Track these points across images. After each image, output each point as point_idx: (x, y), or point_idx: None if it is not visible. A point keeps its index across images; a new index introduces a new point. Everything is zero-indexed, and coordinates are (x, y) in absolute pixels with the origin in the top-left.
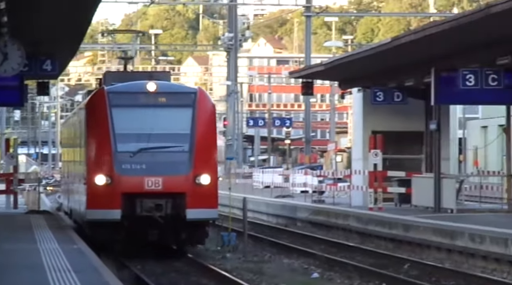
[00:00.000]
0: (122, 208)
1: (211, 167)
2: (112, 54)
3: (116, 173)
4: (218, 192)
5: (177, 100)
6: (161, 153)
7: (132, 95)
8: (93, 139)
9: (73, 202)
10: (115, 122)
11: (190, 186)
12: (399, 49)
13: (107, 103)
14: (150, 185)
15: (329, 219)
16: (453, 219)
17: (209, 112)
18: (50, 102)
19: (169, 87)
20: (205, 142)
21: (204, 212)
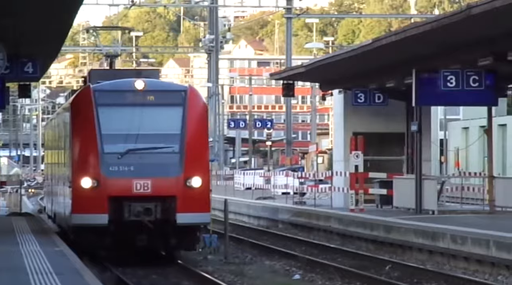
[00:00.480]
0: (109, 213)
1: (203, 168)
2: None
3: (102, 175)
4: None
5: (167, 99)
6: (150, 154)
7: (119, 93)
8: (78, 140)
9: (57, 206)
10: (101, 121)
11: (181, 189)
12: (380, 51)
13: (93, 102)
14: (139, 188)
15: (310, 221)
16: (434, 220)
17: (201, 111)
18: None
19: (158, 85)
20: (196, 142)
21: (195, 216)
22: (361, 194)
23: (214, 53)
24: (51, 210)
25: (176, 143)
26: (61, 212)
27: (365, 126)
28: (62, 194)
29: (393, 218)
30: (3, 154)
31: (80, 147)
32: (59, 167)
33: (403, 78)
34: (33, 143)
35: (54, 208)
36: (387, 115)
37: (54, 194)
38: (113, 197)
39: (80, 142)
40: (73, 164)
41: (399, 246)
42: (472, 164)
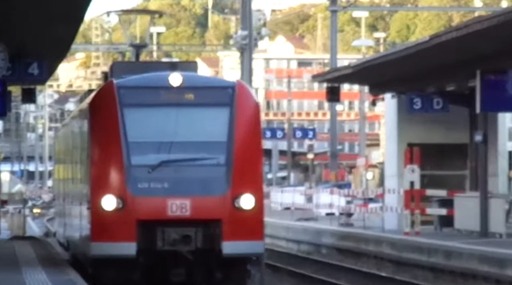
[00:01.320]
0: (137, 241)
1: (255, 185)
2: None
3: (129, 193)
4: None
5: (210, 97)
6: (189, 167)
7: (150, 90)
8: (98, 150)
9: (71, 231)
10: (128, 126)
11: (228, 210)
12: (439, 49)
13: (117, 102)
14: (175, 210)
15: (358, 245)
16: (502, 244)
17: (252, 112)
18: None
19: (198, 80)
20: (247, 152)
21: (245, 245)
22: (417, 215)
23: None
24: (63, 236)
25: (222, 153)
26: (77, 239)
27: (422, 136)
28: (78, 216)
29: (454, 242)
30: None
31: (100, 159)
32: (74, 184)
33: (465, 81)
34: (38, 156)
35: (67, 233)
36: (448, 123)
37: (67, 216)
38: (143, 221)
39: (100, 153)
40: (92, 180)
41: (460, 274)
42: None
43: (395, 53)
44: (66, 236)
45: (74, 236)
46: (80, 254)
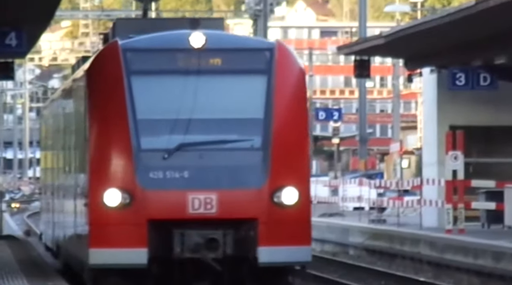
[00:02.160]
0: (149, 246)
1: (300, 175)
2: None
3: (139, 186)
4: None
5: (242, 63)
6: (216, 152)
7: (164, 54)
8: (99, 131)
9: (62, 234)
10: (137, 100)
11: (265, 207)
12: (487, 15)
13: (123, 68)
14: (197, 207)
15: (392, 245)
16: None
17: (296, 81)
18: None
19: (227, 40)
20: (289, 132)
21: (287, 251)
22: (461, 210)
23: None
24: (51, 239)
25: (258, 133)
26: (70, 244)
27: (467, 117)
28: (72, 215)
29: (505, 241)
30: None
31: (101, 142)
32: (67, 174)
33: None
34: (17, 141)
35: (58, 236)
36: (497, 102)
37: (57, 214)
38: (156, 221)
39: (101, 134)
40: (90, 169)
41: None
42: None
43: (435, 20)
44: (55, 239)
45: (67, 240)
46: (75, 263)
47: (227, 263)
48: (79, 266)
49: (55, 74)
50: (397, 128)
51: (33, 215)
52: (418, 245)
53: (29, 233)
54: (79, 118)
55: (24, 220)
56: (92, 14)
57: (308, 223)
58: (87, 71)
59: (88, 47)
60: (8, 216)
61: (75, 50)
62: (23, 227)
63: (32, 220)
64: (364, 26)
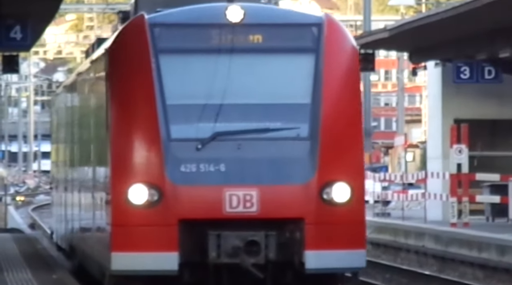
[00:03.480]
0: (180, 250)
1: (353, 168)
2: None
3: (168, 181)
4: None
5: (286, 40)
6: (257, 142)
7: (197, 29)
8: (122, 118)
9: (77, 233)
10: (166, 82)
11: (313, 205)
12: (492, 8)
13: (151, 46)
14: (236, 205)
15: (396, 239)
16: None
17: (348, 61)
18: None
19: (269, 14)
20: (340, 120)
21: (338, 256)
22: (465, 203)
23: None
24: (64, 238)
25: (304, 120)
26: (87, 245)
27: (471, 110)
28: (90, 213)
29: (509, 235)
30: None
31: (125, 131)
32: (83, 167)
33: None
34: (22, 134)
35: (71, 235)
36: (501, 95)
37: (71, 211)
38: (188, 221)
39: (125, 122)
40: (113, 162)
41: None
42: None
43: (440, 13)
44: (69, 239)
45: (84, 241)
46: (94, 267)
47: (269, 269)
48: (99, 271)
49: (59, 67)
50: (402, 122)
51: (38, 208)
52: (422, 239)
53: (34, 226)
54: (99, 104)
55: (29, 213)
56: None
57: (362, 223)
58: (108, 50)
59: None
60: (13, 209)
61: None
62: (27, 220)
63: (37, 213)
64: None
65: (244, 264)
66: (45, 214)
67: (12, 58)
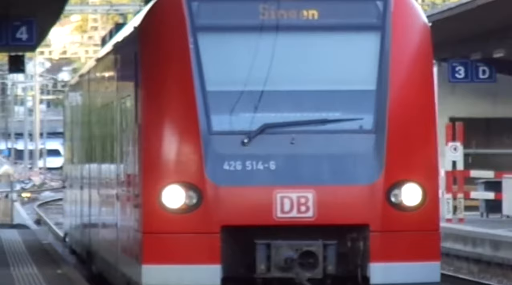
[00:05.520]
0: (223, 262)
1: (426, 166)
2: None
3: (209, 181)
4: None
5: (346, 16)
6: (312, 135)
7: (242, 4)
8: (155, 107)
9: (98, 240)
10: (206, 65)
11: (379, 210)
12: (487, 9)
13: (188, 23)
14: (288, 210)
15: None
16: None
17: (419, 41)
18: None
19: None
20: (411, 110)
21: (408, 269)
22: (460, 199)
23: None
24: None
25: (369, 110)
26: (111, 255)
27: (466, 109)
28: (114, 218)
29: (503, 230)
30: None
31: (158, 122)
32: (106, 165)
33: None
34: (28, 132)
35: (89, 242)
36: (495, 95)
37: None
38: (233, 228)
39: (158, 112)
40: (144, 159)
41: (510, 267)
42: None
43: (435, 14)
44: (86, 245)
45: (105, 249)
46: (120, 280)
47: (327, 284)
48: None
49: (64, 67)
50: None
51: (44, 204)
52: None
53: (40, 222)
54: (126, 92)
55: (35, 210)
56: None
57: (436, 231)
58: (139, 28)
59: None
60: (19, 205)
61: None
62: (33, 216)
63: (43, 209)
64: None
65: (298, 278)
66: (50, 210)
67: (18, 58)
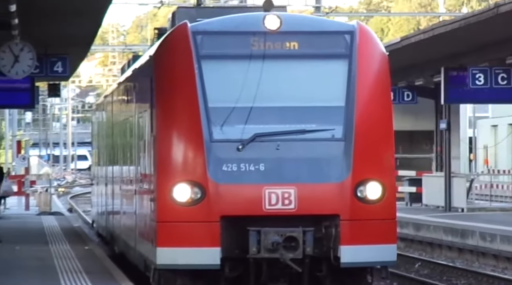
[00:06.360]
0: (222, 245)
1: (385, 167)
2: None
3: (211, 180)
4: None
5: (321, 46)
6: (294, 142)
7: (237, 37)
8: (166, 120)
9: (119, 226)
10: (208, 86)
11: (348, 203)
12: (409, 49)
13: (194, 52)
14: (275, 203)
15: None
16: (463, 218)
17: (379, 67)
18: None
19: (304, 22)
20: (373, 122)
21: (371, 250)
22: None
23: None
24: (104, 228)
25: (339, 122)
26: (131, 239)
27: (395, 123)
28: (133, 209)
29: (423, 216)
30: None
31: (169, 132)
32: (126, 167)
33: (431, 76)
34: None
35: (112, 227)
36: (416, 113)
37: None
38: (230, 218)
39: (169, 123)
40: (158, 161)
41: (428, 244)
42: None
43: None
44: (110, 230)
45: (126, 234)
46: (138, 259)
47: (306, 263)
48: (142, 263)
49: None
50: None
51: (75, 197)
52: None
53: (71, 211)
54: (143, 107)
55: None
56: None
57: (394, 219)
58: (153, 56)
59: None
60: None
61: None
62: (66, 206)
63: (74, 200)
64: None
65: (283, 258)
66: (80, 201)
67: (55, 85)
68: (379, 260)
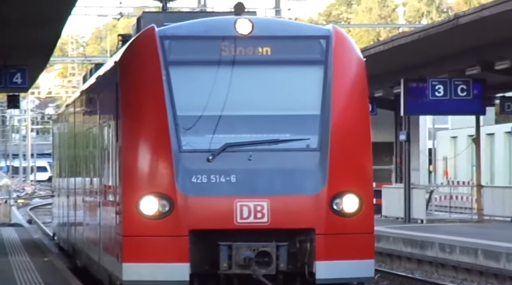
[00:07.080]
0: (192, 261)
1: (363, 179)
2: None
3: (179, 192)
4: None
5: (295, 52)
6: (267, 153)
7: (207, 42)
8: (132, 129)
9: (83, 240)
10: (176, 94)
11: (323, 216)
12: (368, 60)
13: (161, 58)
14: (247, 216)
15: None
16: (423, 229)
17: (356, 73)
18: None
19: (277, 26)
20: (350, 131)
21: (348, 266)
22: None
23: None
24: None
25: (314, 132)
26: (94, 252)
27: None
28: (97, 222)
29: (382, 227)
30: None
31: (135, 141)
32: (90, 178)
33: (391, 88)
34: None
35: (75, 240)
36: (376, 124)
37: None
38: (199, 231)
39: (135, 132)
40: (123, 173)
41: (388, 255)
42: (461, 173)
43: None
44: (72, 243)
45: (90, 247)
46: (102, 274)
47: (279, 279)
48: (107, 278)
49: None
50: None
51: (34, 208)
52: None
53: (31, 222)
54: (108, 116)
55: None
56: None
57: (371, 234)
58: (119, 62)
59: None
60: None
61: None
62: (26, 217)
63: (33, 212)
64: None
65: (255, 274)
66: (39, 212)
67: (15, 97)
68: (356, 276)
